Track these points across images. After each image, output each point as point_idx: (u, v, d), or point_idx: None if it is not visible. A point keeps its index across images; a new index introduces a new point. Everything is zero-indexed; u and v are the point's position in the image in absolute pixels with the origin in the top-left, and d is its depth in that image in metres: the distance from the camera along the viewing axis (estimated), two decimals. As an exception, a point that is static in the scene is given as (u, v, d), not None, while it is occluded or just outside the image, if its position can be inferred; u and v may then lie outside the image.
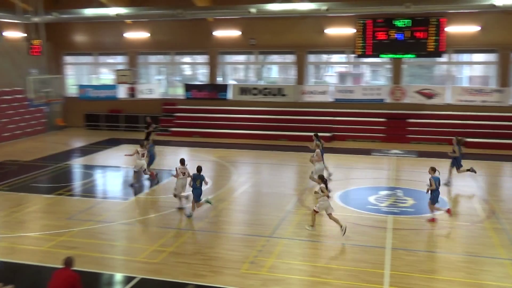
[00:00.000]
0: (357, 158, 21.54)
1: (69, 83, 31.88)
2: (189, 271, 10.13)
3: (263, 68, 31.10)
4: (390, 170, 19.18)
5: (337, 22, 25.94)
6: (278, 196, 15.68)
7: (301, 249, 11.38)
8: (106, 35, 29.54)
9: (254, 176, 18.16)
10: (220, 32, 27.75)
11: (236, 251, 11.21)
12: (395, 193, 15.73)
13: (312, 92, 26.98)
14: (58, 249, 11.24)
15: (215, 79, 28.66)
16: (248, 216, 13.95)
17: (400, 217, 13.47)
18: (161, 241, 11.75)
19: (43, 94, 20.29)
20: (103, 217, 13.79)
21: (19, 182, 17.34)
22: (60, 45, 30.13)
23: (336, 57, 29.26)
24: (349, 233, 12.35)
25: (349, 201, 15.07)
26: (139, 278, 9.81)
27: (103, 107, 29.63)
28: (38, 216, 13.91)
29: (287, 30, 26.72)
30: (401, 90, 25.80)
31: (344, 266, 10.40)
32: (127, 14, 25.81)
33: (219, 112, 27.88)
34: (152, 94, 28.73)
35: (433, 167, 13.32)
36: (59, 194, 15.85)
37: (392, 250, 11.19)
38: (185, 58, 31.56)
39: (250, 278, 9.79)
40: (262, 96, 27.49)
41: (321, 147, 16.66)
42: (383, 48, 24.71)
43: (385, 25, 24.51)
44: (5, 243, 11.75)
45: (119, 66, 30.63)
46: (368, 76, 31.07)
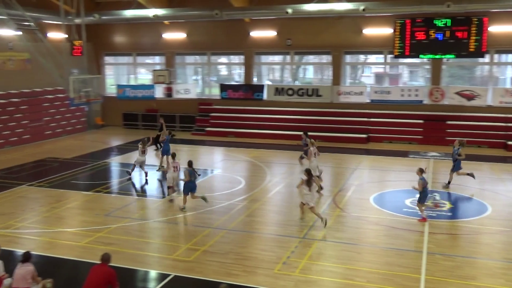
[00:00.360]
0: (393, 160, 21.19)
1: (108, 83, 32.62)
2: (221, 270, 10.20)
3: (299, 68, 31.01)
4: (427, 172, 18.77)
5: (374, 22, 25.58)
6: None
7: (335, 251, 11.29)
8: (144, 36, 30.07)
9: (288, 177, 18.13)
10: (256, 33, 27.81)
11: (269, 251, 11.22)
12: (433, 197, 15.39)
13: (348, 93, 26.70)
14: (96, 245, 11.53)
15: (251, 80, 28.75)
16: (282, 216, 13.93)
17: (437, 221, 13.18)
18: (195, 240, 11.88)
19: (83, 93, 20.77)
20: (139, 214, 14.06)
21: (59, 179, 17.87)
22: (100, 46, 30.89)
23: (373, 57, 28.86)
24: (384, 236, 12.21)
25: (384, 204, 14.85)
26: (172, 276, 9.95)
27: (141, 106, 30.17)
28: (77, 212, 14.30)
29: (324, 30, 26.54)
30: (440, 91, 25.22)
31: (378, 269, 10.26)
32: (165, 15, 26.21)
33: (254, 113, 27.94)
34: (188, 94, 29.07)
35: (421, 168, 13.47)
36: (97, 191, 16.25)
37: (428, 254, 10.96)
38: (221, 59, 31.78)
39: (283, 279, 9.77)
40: (297, 96, 27.39)
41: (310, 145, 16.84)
42: (422, 48, 24.22)
43: (424, 24, 24.00)
44: (46, 238, 12.13)
45: (157, 66, 31.15)
46: (406, 77, 30.54)
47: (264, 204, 14.88)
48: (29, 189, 16.50)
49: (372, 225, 13.07)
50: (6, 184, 17.08)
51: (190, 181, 13.89)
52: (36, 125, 25.93)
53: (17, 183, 17.12)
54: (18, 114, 25.00)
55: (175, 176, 15.03)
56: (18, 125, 24.93)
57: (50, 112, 26.98)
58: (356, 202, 15.12)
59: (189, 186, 13.90)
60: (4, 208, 14.44)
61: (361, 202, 15.02)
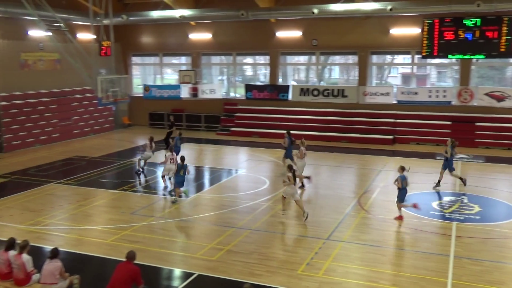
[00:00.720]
0: (420, 162, 20.86)
1: (135, 83, 33.05)
2: (245, 270, 10.22)
3: (324, 69, 30.83)
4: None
5: (402, 22, 25.23)
6: (337, 198, 15.50)
7: (359, 253, 11.18)
8: (171, 36, 30.34)
9: (313, 178, 18.03)
10: (282, 33, 27.76)
11: (293, 252, 11.19)
12: (460, 199, 15.11)
13: (374, 94, 26.40)
14: (122, 242, 11.69)
15: (276, 80, 28.72)
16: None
17: (464, 224, 12.93)
18: (218, 239, 11.93)
19: (111, 93, 21.08)
20: (164, 213, 14.20)
21: (87, 177, 18.18)
22: (128, 46, 31.31)
23: (400, 58, 28.48)
24: (410, 239, 12.06)
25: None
26: (196, 275, 10.02)
27: (167, 106, 30.47)
28: (104, 210, 14.52)
29: (350, 30, 26.32)
30: (469, 92, 24.72)
31: (404, 272, 10.12)
32: (191, 15, 26.42)
33: (279, 113, 27.91)
34: (213, 94, 29.22)
35: (402, 166, 13.44)
36: (123, 189, 16.48)
37: (455, 258, 10.76)
38: (247, 59, 31.84)
39: (306, 280, 9.73)
40: (322, 97, 27.23)
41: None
42: (450, 48, 23.77)
43: (453, 24, 23.54)
44: (73, 234, 12.36)
45: (183, 66, 31.40)
46: (434, 78, 30.06)
47: (288, 204, 14.81)
48: (58, 187, 16.84)
49: (398, 227, 12.90)
50: (35, 181, 17.48)
51: (179, 175, 14.87)
52: (65, 124, 26.46)
53: (46, 181, 17.50)
54: (48, 113, 25.54)
55: (171, 168, 15.97)
56: (48, 124, 25.47)
57: (78, 112, 27.48)
58: (381, 204, 14.95)
59: (178, 180, 14.93)
60: (33, 205, 14.77)
61: (386, 204, 14.83)
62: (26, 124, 24.19)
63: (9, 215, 13.84)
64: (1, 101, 23.02)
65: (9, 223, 13.09)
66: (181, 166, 14.85)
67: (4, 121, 22.99)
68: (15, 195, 15.76)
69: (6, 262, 8.60)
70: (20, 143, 23.72)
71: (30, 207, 14.51)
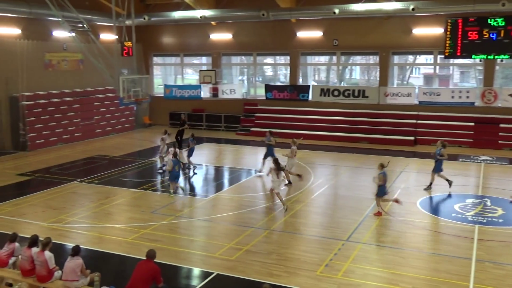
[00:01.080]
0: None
1: (156, 83, 33.33)
2: (263, 270, 10.22)
3: (345, 69, 30.64)
4: (478, 177, 18.16)
5: (424, 22, 24.93)
6: (357, 199, 15.38)
7: (379, 255, 11.09)
8: (192, 37, 30.52)
9: (333, 179, 17.95)
10: (302, 33, 27.67)
11: (311, 253, 11.15)
12: (483, 202, 14.86)
13: (395, 94, 26.14)
14: (142, 241, 11.80)
15: (296, 80, 28.65)
16: (325, 218, 13.82)
17: (487, 228, 12.71)
18: (237, 239, 11.95)
19: (132, 93, 21.30)
20: (184, 212, 14.29)
21: (108, 176, 18.40)
22: (149, 47, 31.60)
23: (422, 58, 28.15)
24: (431, 241, 11.92)
25: (431, 208, 14.47)
26: (215, 274, 10.05)
27: (187, 106, 30.65)
28: (124, 209, 14.68)
29: (371, 30, 26.10)
30: (493, 93, 24.30)
31: (424, 275, 9.99)
32: (212, 16, 26.56)
33: (299, 113, 27.84)
34: (234, 94, 29.29)
35: (382, 163, 13.87)
36: (143, 188, 16.63)
37: (478, 262, 10.59)
38: (267, 59, 31.83)
39: (325, 281, 9.68)
40: (343, 97, 27.06)
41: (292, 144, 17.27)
42: (474, 48, 23.39)
43: (477, 24, 23.17)
44: (94, 232, 12.53)
45: (203, 66, 31.57)
46: (457, 78, 29.65)
47: (307, 205, 14.79)
48: (80, 185, 17.09)
49: (419, 229, 12.75)
50: (58, 179, 17.77)
51: (174, 170, 15.65)
52: (87, 124, 26.82)
53: (69, 179, 17.77)
54: (71, 113, 25.93)
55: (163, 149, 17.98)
56: (71, 123, 25.85)
57: (100, 111, 27.83)
58: (402, 205, 14.78)
59: (173, 175, 15.71)
60: (55, 203, 15.02)
61: (407, 205, 14.67)
62: (50, 123, 24.60)
63: (33, 212, 14.10)
64: (26, 100, 23.45)
65: (33, 221, 13.33)
66: (176, 162, 15.76)
67: (28, 120, 23.42)
68: (38, 193, 16.05)
69: (29, 259, 8.75)
70: (44, 142, 24.14)
71: (52, 205, 14.76)
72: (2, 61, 22.68)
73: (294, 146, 17.18)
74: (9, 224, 12.97)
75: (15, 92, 23.22)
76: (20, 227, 12.52)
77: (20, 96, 23.27)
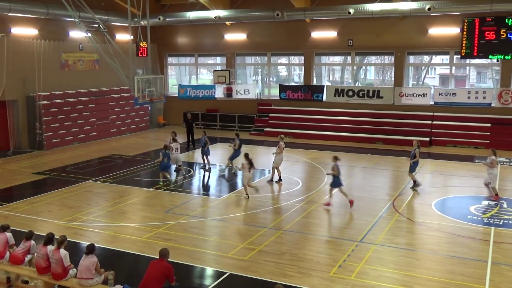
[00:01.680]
0: (458, 164, 20.36)
1: (170, 83, 33.50)
2: (276, 270, 10.21)
3: (360, 69, 30.48)
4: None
5: (440, 21, 24.69)
6: (371, 200, 15.29)
7: (393, 257, 11.00)
8: (206, 37, 30.61)
9: (347, 179, 17.81)
10: (317, 33, 27.60)
11: (324, 253, 11.12)
12: (499, 204, 14.67)
13: (411, 95, 25.93)
14: (155, 240, 11.87)
15: (310, 80, 28.58)
16: (339, 219, 13.76)
17: (503, 230, 12.55)
18: (250, 239, 11.96)
19: (147, 93, 21.45)
20: (197, 212, 14.34)
21: (123, 175, 18.55)
22: (164, 47, 31.77)
23: (438, 58, 27.88)
24: (446, 243, 11.81)
25: (447, 210, 14.31)
26: (228, 274, 10.07)
27: (201, 106, 30.75)
28: (138, 208, 14.78)
29: (386, 30, 25.93)
30: (510, 94, 23.97)
31: (439, 277, 9.89)
32: (227, 16, 26.62)
33: (313, 114, 27.76)
34: (248, 95, 29.33)
35: (336, 155, 14.77)
36: (157, 188, 16.73)
37: (493, 264, 10.45)
38: (281, 59, 31.81)
39: (338, 282, 9.65)
40: (357, 98, 26.93)
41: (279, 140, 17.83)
42: (491, 48, 23.12)
43: (494, 24, 22.90)
44: (109, 231, 12.63)
45: (218, 67, 31.65)
46: (473, 79, 29.32)
47: (321, 206, 14.73)
48: (95, 184, 17.25)
49: (433, 231, 12.63)
50: (73, 178, 17.95)
51: (163, 162, 17.34)
52: (102, 123, 27.07)
53: (84, 178, 17.95)
54: (86, 112, 26.18)
55: (176, 157, 18.91)
56: (86, 123, 26.11)
57: (115, 111, 28.05)
58: (416, 207, 14.68)
59: (162, 165, 17.44)
60: (71, 201, 15.18)
61: (422, 207, 14.56)
62: (66, 122, 24.86)
63: (48, 210, 14.26)
64: (42, 100, 23.74)
65: (48, 219, 13.49)
66: (165, 154, 17.45)
67: (44, 119, 23.70)
68: (54, 192, 16.24)
69: (45, 257, 8.85)
70: (60, 141, 24.41)
71: (68, 204, 14.92)
72: (20, 61, 22.99)
73: (282, 142, 17.70)
74: (25, 222, 13.13)
75: (32, 92, 23.52)
76: (36, 225, 12.68)
77: (37, 95, 23.58)
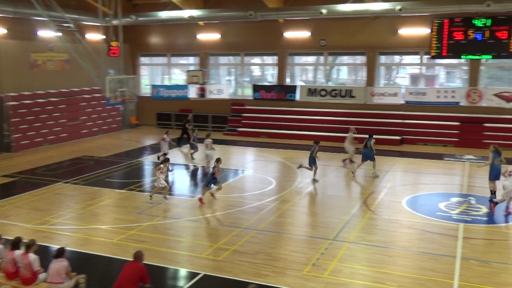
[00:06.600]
0: (428, 162, 20.77)
1: (143, 83, 33.17)
2: (251, 270, 10.22)
3: (332, 69, 30.76)
4: (463, 176, 18.35)
5: (410, 22, 25.11)
6: (344, 199, 15.46)
7: (365, 254, 11.14)
8: (179, 37, 30.42)
9: (320, 178, 17.99)
10: (290, 33, 27.73)
11: (299, 252, 11.18)
12: (468, 200, 15.02)
13: (382, 94, 26.31)
14: (128, 242, 11.73)
15: (284, 80, 28.70)
16: (312, 218, 13.86)
17: (472, 226, 12.84)
18: (225, 239, 11.94)
19: (119, 93, 21.20)
20: (171, 213, 14.24)
21: (95, 177, 18.27)
22: (136, 47, 31.43)
23: (408, 58, 28.35)
24: (417, 240, 12.01)
25: (417, 207, 14.56)
26: (202, 274, 10.03)
27: (174, 106, 30.55)
28: (111, 210, 14.59)
29: (358, 30, 26.23)
30: (478, 93, 24.56)
31: (410, 273, 10.06)
32: (200, 16, 26.49)
33: (286, 113, 27.89)
34: (221, 95, 29.27)
35: (218, 157, 15.70)
36: (130, 189, 16.54)
37: (463, 260, 10.69)
38: (255, 59, 31.84)
39: (312, 281, 9.71)
40: (330, 97, 27.17)
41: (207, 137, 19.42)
42: (460, 48, 23.64)
43: (463, 24, 23.41)
44: (80, 234, 12.43)
45: (191, 67, 31.47)
46: (443, 78, 29.91)
47: (294, 205, 14.83)
48: (65, 186, 16.95)
49: (405, 228, 12.85)
50: (43, 181, 17.60)
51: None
52: (73, 124, 26.62)
53: (54, 180, 17.62)
54: (57, 113, 25.71)
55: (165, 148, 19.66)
56: (57, 124, 25.64)
57: (87, 111, 27.63)
58: (388, 204, 14.89)
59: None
60: (41, 204, 14.87)
61: (393, 205, 14.79)
62: (35, 124, 24.36)
63: (17, 214, 13.95)
64: (11, 101, 23.20)
65: (17, 222, 13.19)
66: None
67: (13, 120, 23.17)
68: (23, 194, 15.87)
69: (12, 261, 8.65)
70: (29, 142, 23.89)
71: (37, 207, 14.61)
72: (-13, 61, 22.44)
73: (208, 139, 19.12)
74: (-7, 226, 12.82)
75: (0, 92, 22.96)
76: (5, 229, 12.35)
77: (5, 96, 23.03)
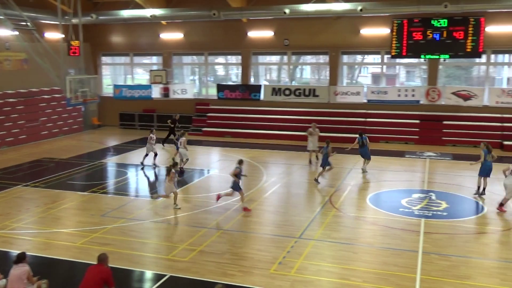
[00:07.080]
0: (390, 160, 21.23)
1: (105, 83, 32.59)
2: (218, 270, 10.20)
3: (296, 69, 31.02)
4: (423, 172, 18.83)
5: (371, 22, 25.61)
6: (308, 197, 15.62)
7: (331, 251, 11.29)
8: (142, 36, 30.04)
9: (285, 177, 18.12)
10: (254, 33, 27.81)
11: (265, 251, 11.22)
12: (428, 196, 15.43)
13: (345, 93, 26.72)
14: (92, 245, 11.51)
15: (248, 80, 28.75)
16: (278, 216, 13.94)
17: (432, 221, 13.21)
18: (191, 240, 11.87)
19: (80, 93, 20.76)
20: (135, 215, 14.04)
21: (56, 179, 17.83)
22: (97, 46, 30.84)
23: (370, 57, 28.90)
24: (380, 236, 12.25)
25: (380, 204, 14.87)
26: (168, 276, 9.94)
27: (138, 106, 30.14)
28: (73, 213, 14.27)
29: (321, 30, 26.55)
30: (437, 91, 25.27)
31: (374, 269, 10.27)
32: (163, 15, 26.21)
33: (251, 113, 27.95)
34: (185, 94, 29.08)
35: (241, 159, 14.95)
36: (93, 191, 16.23)
37: (424, 254, 10.98)
38: (218, 59, 31.76)
39: (279, 279, 9.78)
40: (294, 96, 27.40)
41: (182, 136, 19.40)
42: (419, 48, 24.25)
43: (421, 25, 24.04)
44: (41, 238, 12.11)
45: (154, 66, 31.13)
46: (403, 77, 30.60)
47: (260, 204, 14.88)
48: (25, 190, 16.47)
49: (369, 225, 13.10)
50: (2, 184, 17.04)
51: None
52: (32, 125, 25.89)
53: (13, 184, 17.09)
54: (15, 114, 24.95)
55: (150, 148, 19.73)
56: (15, 125, 24.89)
57: (46, 112, 26.93)
58: (352, 202, 15.14)
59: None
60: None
61: (357, 202, 15.05)
62: (-8, 125, 23.59)
63: (-26, 219, 13.47)
64: (-35, 102, 22.39)
65: (-26, 228, 12.74)
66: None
67: (-32, 122, 22.37)
68: (-20, 199, 15.35)
69: (-29, 268, 8.37)
70: (-14, 145, 23.13)
71: (-4, 211, 14.15)
72: None
73: (183, 137, 19.15)
74: (-52, 232, 12.34)
75: (-46, 93, 22.13)
76: (-39, 235, 11.94)
77: (-41, 97, 22.20)
